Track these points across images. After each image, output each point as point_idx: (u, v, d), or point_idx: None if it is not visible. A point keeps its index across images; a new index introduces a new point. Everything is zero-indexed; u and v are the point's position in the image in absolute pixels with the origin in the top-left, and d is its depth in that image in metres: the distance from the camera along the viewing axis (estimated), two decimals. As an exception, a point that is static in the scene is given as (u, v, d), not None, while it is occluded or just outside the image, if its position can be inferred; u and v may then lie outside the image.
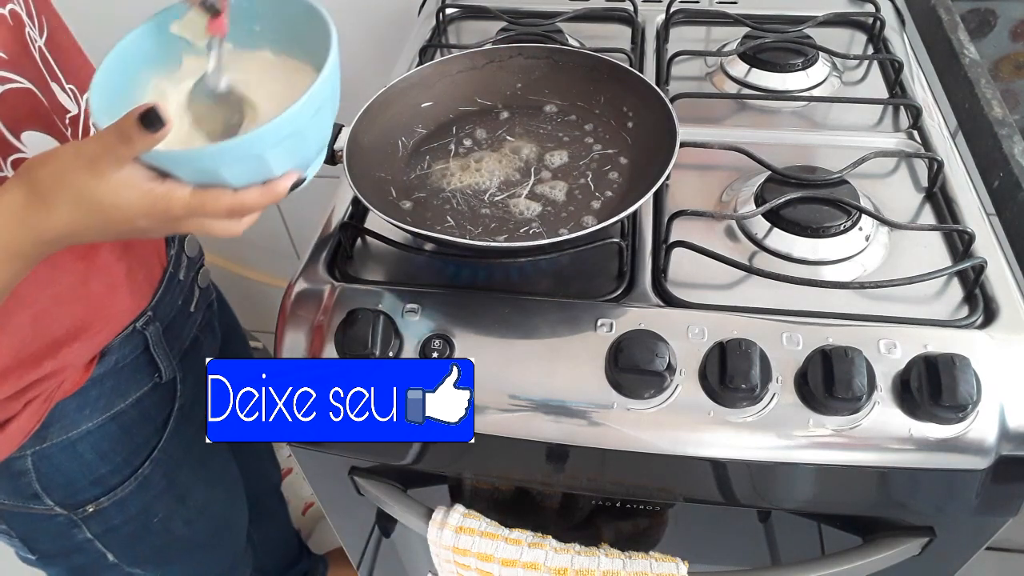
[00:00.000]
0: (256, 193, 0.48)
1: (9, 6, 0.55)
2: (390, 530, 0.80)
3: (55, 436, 0.66)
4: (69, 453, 0.67)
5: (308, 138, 0.49)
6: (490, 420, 0.57)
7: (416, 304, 0.60)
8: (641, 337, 0.55)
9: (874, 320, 0.56)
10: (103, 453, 0.69)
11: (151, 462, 0.74)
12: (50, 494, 0.68)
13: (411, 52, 0.89)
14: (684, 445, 0.55)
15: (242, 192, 0.47)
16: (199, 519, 0.83)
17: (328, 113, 0.49)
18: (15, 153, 0.55)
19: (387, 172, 0.69)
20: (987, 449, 0.52)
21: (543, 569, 0.59)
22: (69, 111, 0.61)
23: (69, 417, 0.66)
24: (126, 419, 0.70)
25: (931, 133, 0.73)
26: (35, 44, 0.58)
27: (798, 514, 0.63)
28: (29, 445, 0.65)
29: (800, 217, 0.62)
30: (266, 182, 0.48)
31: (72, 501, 0.70)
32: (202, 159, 0.46)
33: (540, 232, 0.62)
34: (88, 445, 0.68)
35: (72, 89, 0.62)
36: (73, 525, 0.72)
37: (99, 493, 0.71)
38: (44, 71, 0.59)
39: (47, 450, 0.66)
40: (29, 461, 0.66)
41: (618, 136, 0.70)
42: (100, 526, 0.73)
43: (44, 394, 0.63)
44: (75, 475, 0.69)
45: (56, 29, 0.63)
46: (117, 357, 0.68)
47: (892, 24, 0.89)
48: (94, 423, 0.68)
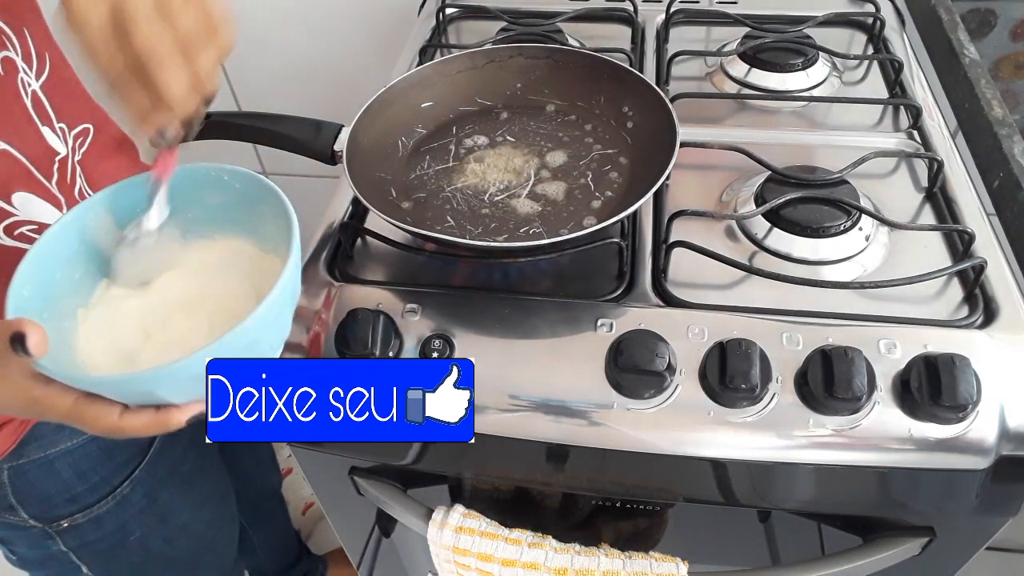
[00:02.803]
0: (144, 420, 0.45)
1: (3, 53, 0.54)
2: (390, 530, 0.80)
3: (32, 454, 0.65)
4: (46, 470, 0.67)
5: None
6: (490, 420, 0.57)
7: (416, 304, 0.60)
8: (641, 337, 0.55)
9: (874, 320, 0.56)
10: (81, 472, 0.69)
11: (131, 482, 0.72)
12: (25, 507, 0.68)
13: (411, 52, 0.89)
14: (684, 445, 0.55)
15: (128, 416, 0.44)
16: (180, 538, 0.82)
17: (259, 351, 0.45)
18: (9, 218, 0.55)
19: (387, 172, 0.69)
20: (987, 449, 0.52)
21: (543, 569, 0.59)
22: (58, 153, 0.60)
23: (48, 437, 0.66)
24: (107, 440, 0.69)
25: (931, 133, 0.73)
26: (28, 89, 0.57)
27: (798, 514, 0.63)
28: (5, 461, 0.64)
29: (800, 217, 0.62)
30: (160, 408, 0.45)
31: (47, 516, 0.69)
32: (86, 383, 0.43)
33: (540, 232, 0.62)
34: (66, 463, 0.67)
35: (62, 128, 0.61)
36: (48, 537, 0.71)
37: (74, 510, 0.70)
38: (36, 117, 0.57)
39: (24, 466, 0.66)
40: (5, 475, 0.65)
41: (618, 136, 0.70)
42: (75, 540, 0.72)
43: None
44: (50, 492, 0.68)
45: (57, 65, 0.62)
46: None
47: (892, 24, 0.89)
48: (74, 442, 0.67)
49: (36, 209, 0.57)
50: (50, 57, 0.61)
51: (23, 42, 0.57)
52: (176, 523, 0.80)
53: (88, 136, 0.64)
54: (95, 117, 0.67)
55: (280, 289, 0.43)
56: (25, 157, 0.57)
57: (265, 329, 0.44)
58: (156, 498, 0.76)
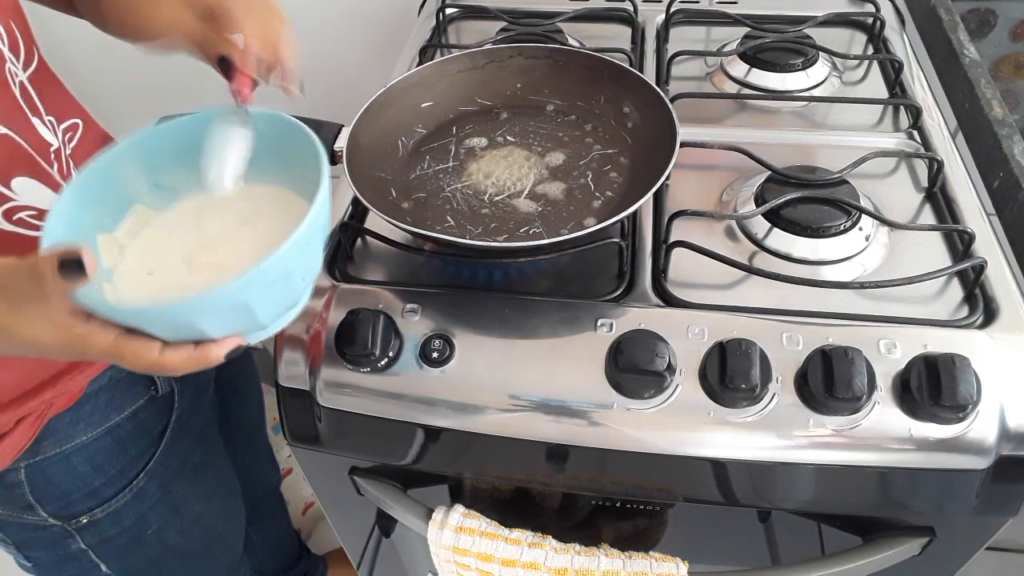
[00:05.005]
0: (183, 355, 0.45)
1: None
2: (390, 530, 0.80)
3: (49, 450, 0.66)
4: (63, 466, 0.67)
5: (256, 310, 0.45)
6: (490, 420, 0.57)
7: (416, 304, 0.60)
8: (641, 337, 0.55)
9: (874, 320, 0.56)
10: (97, 465, 0.69)
11: (146, 474, 0.73)
12: (44, 505, 0.68)
13: (411, 52, 0.89)
14: (684, 445, 0.55)
15: (168, 351, 0.44)
16: (194, 529, 0.82)
17: (283, 287, 0.45)
18: (7, 202, 0.55)
19: (387, 172, 0.68)
20: (987, 449, 0.52)
21: (543, 569, 0.59)
22: (51, 145, 0.60)
23: (63, 431, 0.66)
24: (121, 432, 0.70)
25: (931, 133, 0.73)
26: (16, 80, 0.57)
27: (798, 514, 0.63)
28: (22, 458, 0.65)
29: (800, 217, 0.62)
30: (199, 344, 0.45)
31: (66, 512, 0.69)
32: (128, 316, 0.43)
33: (540, 232, 0.62)
34: (82, 458, 0.68)
35: (51, 121, 0.61)
36: (67, 535, 0.71)
37: (93, 504, 0.70)
38: (25, 108, 0.57)
39: (40, 463, 0.66)
40: (22, 473, 0.66)
41: (618, 136, 0.70)
42: (94, 537, 0.73)
43: (37, 411, 0.63)
44: (69, 487, 0.68)
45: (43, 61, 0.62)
46: (112, 373, 0.68)
47: (892, 24, 0.89)
48: (88, 436, 0.67)
49: (36, 195, 0.57)
50: (37, 50, 0.61)
51: (10, 33, 0.57)
52: (190, 514, 0.81)
53: (77, 132, 0.64)
54: (82, 114, 0.67)
55: (314, 215, 0.43)
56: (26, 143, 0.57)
57: (300, 258, 0.44)
58: (170, 489, 0.77)
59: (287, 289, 0.46)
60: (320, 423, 0.62)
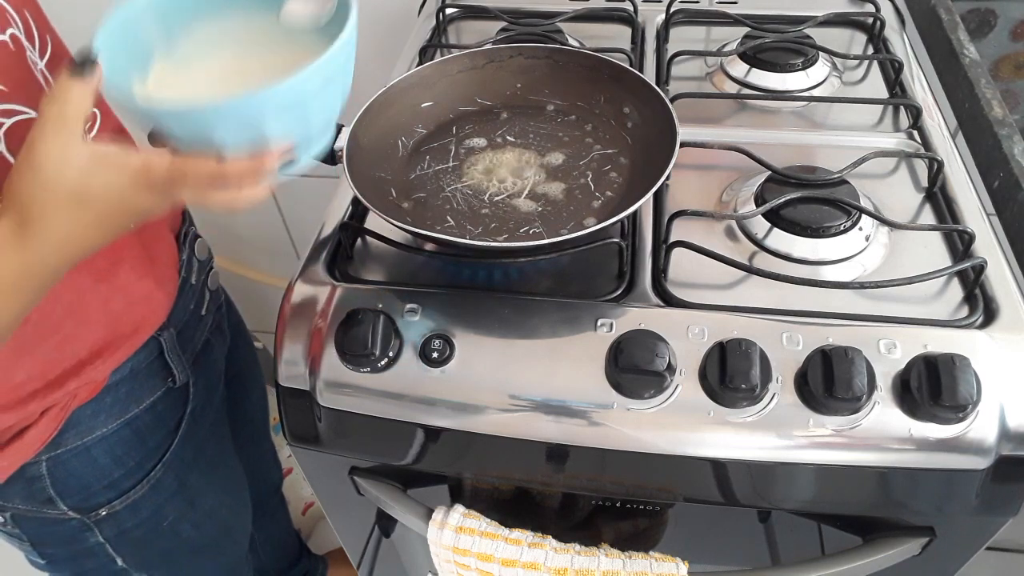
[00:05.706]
0: (242, 164, 0.45)
1: (9, 31, 0.54)
2: (390, 530, 0.80)
3: (70, 442, 0.66)
4: (83, 458, 0.68)
5: (311, 113, 0.47)
6: (490, 420, 0.57)
7: (416, 304, 0.60)
8: (641, 337, 0.55)
9: (874, 320, 0.56)
10: (117, 457, 0.70)
11: (163, 465, 0.74)
12: (64, 499, 0.69)
13: (411, 52, 0.89)
14: (684, 445, 0.55)
15: (227, 163, 0.45)
16: (206, 523, 0.83)
17: (337, 89, 0.48)
18: None
19: (387, 172, 0.68)
20: (987, 449, 0.52)
21: (543, 569, 0.59)
22: None
23: (84, 423, 0.66)
24: (140, 424, 0.71)
25: (931, 133, 0.73)
26: (37, 67, 0.57)
27: (798, 514, 0.63)
28: (44, 451, 0.65)
29: (800, 217, 0.62)
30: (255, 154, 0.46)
31: (86, 505, 0.70)
32: (192, 114, 0.44)
33: (540, 232, 0.62)
34: (102, 450, 0.68)
35: None
36: (86, 528, 0.72)
37: (112, 496, 0.71)
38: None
39: (61, 456, 0.66)
40: (44, 467, 0.66)
41: (618, 136, 0.70)
42: (112, 529, 0.73)
43: (61, 403, 0.64)
44: (89, 480, 0.69)
45: (57, 49, 0.63)
46: (132, 364, 0.68)
47: (892, 24, 0.89)
48: (109, 428, 0.68)
49: None
50: (51, 39, 0.61)
51: (25, 22, 0.57)
52: (203, 507, 0.82)
53: (96, 122, 0.65)
54: (100, 105, 0.67)
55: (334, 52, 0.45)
56: None
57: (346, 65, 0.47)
58: (186, 481, 0.77)
59: (332, 99, 0.49)
60: (320, 423, 0.62)
